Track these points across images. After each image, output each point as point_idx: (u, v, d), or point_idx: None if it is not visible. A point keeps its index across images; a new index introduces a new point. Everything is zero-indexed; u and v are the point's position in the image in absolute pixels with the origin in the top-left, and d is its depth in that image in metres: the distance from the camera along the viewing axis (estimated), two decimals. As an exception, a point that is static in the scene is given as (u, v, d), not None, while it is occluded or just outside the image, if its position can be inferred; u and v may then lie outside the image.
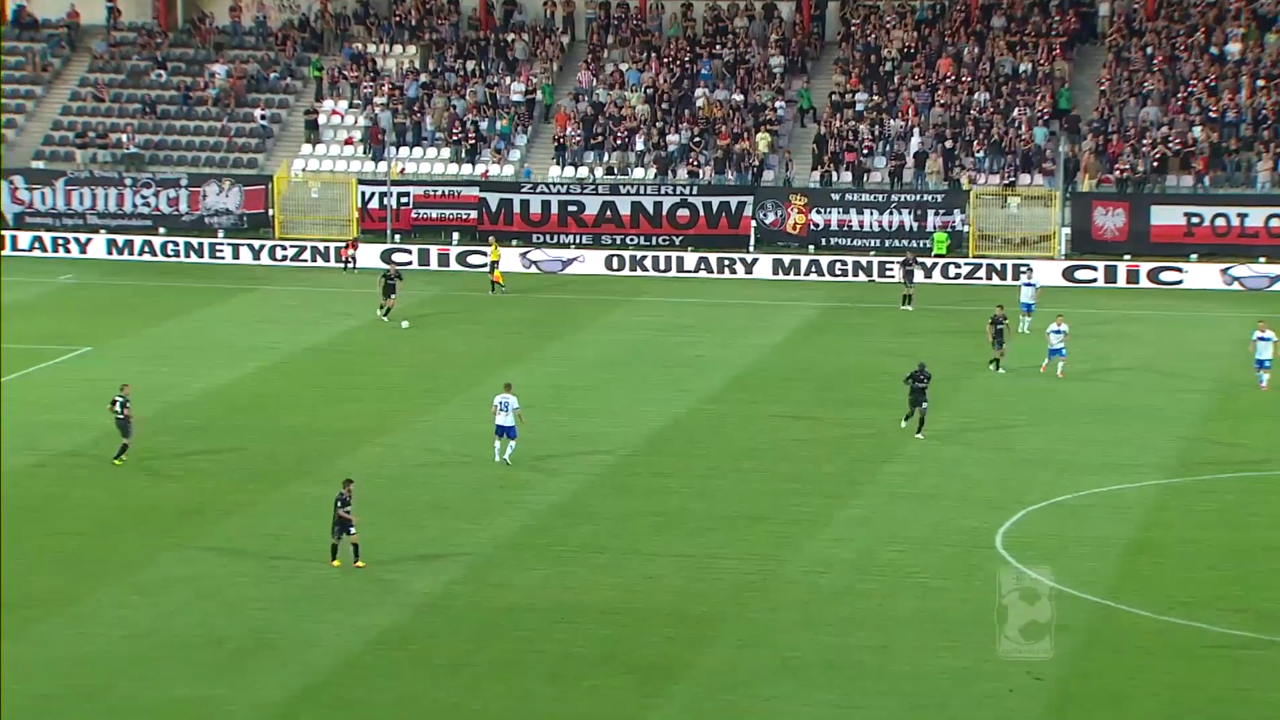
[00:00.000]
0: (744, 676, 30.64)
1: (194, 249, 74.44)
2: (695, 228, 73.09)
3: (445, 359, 56.49)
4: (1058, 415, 48.25)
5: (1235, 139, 72.02)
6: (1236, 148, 71.85)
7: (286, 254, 73.97)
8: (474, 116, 79.03)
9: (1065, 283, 68.11)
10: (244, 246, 74.22)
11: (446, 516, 39.70)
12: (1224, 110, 72.77)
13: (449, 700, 29.74)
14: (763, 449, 45.35)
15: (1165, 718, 28.82)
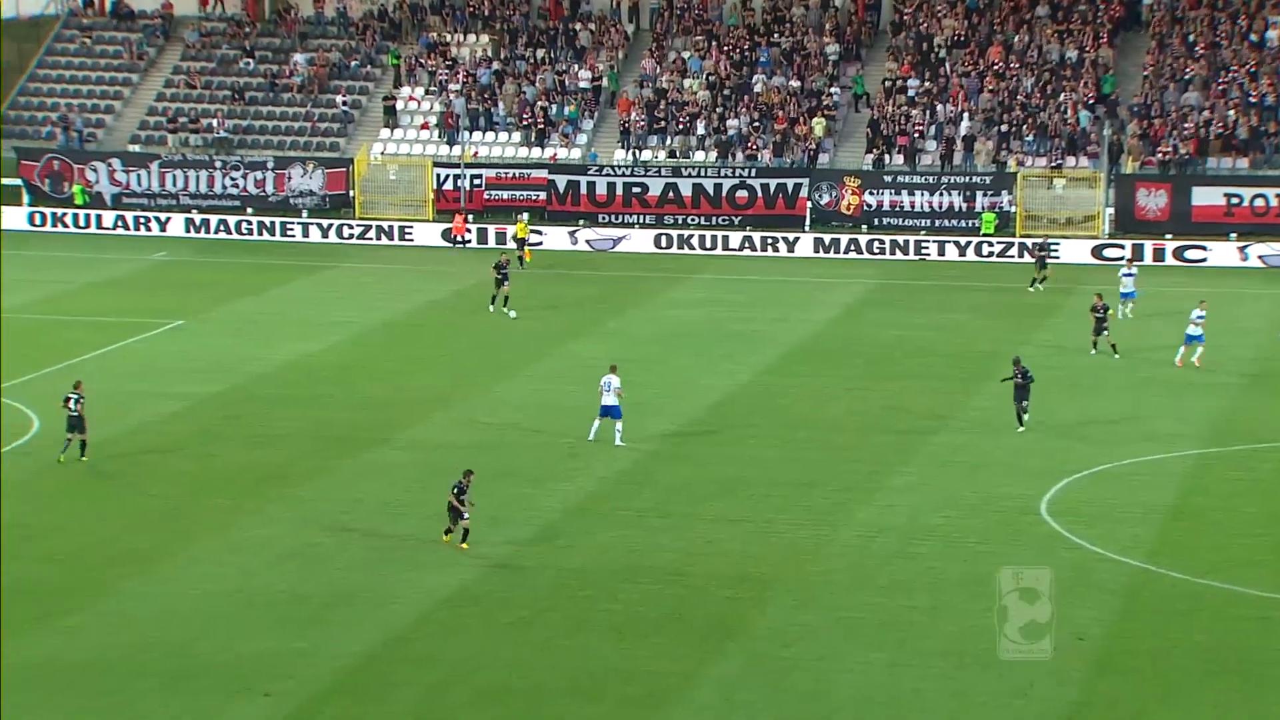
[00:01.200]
0: (798, 635, 30.53)
1: (280, 228, 74.67)
2: (753, 208, 72.84)
3: (512, 334, 56.49)
4: (1098, 389, 47.79)
5: (1274, 122, 71.04)
6: (1275, 131, 70.88)
7: (361, 232, 74.07)
8: (543, 102, 78.95)
9: (1095, 260, 67.48)
10: (327, 226, 74.35)
11: (515, 482, 39.71)
12: (1263, 95, 71.78)
13: (517, 656, 29.76)
14: (815, 420, 45.13)
15: (1201, 676, 28.53)
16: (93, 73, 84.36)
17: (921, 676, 28.65)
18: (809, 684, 28.37)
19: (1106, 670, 28.86)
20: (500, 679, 28.83)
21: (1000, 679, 28.38)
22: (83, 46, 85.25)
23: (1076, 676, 28.53)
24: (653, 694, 28.15)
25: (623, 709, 27.63)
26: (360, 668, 29.30)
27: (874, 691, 28.08)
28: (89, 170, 77.71)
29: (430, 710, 27.76)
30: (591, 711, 27.56)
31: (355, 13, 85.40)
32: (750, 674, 28.94)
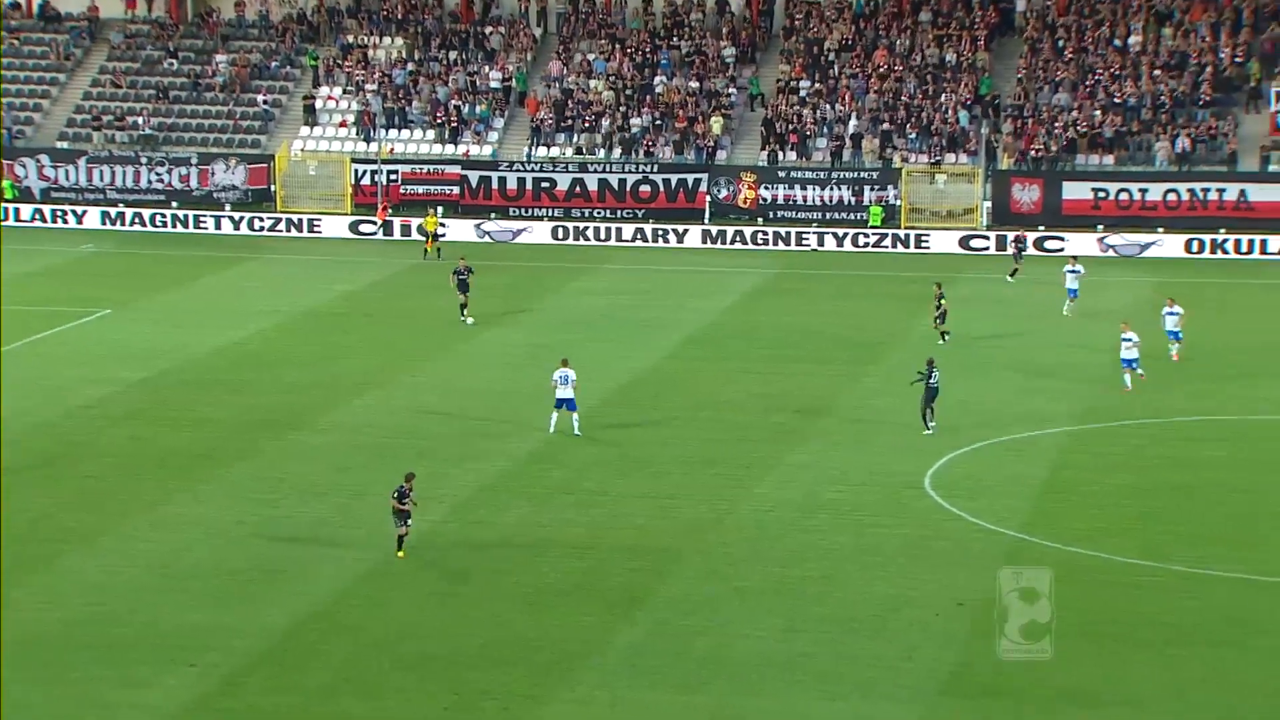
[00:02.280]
0: (699, 604, 30.77)
1: (203, 221, 73.97)
2: (656, 202, 73.12)
3: (430, 321, 56.30)
4: (979, 370, 48.44)
5: (1137, 122, 72.27)
6: (1138, 130, 72.10)
7: (272, 225, 73.53)
8: (456, 102, 78.73)
9: (963, 250, 68.25)
10: (239, 219, 73.79)
11: (432, 462, 39.65)
12: (1127, 96, 72.98)
13: (435, 626, 29.80)
14: (716, 401, 45.42)
15: (1073, 638, 29.03)
16: (20, 73, 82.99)
17: (814, 641, 28.99)
18: (709, 649, 28.63)
19: (985, 634, 29.29)
20: (419, 648, 28.87)
21: (887, 644, 28.79)
22: (11, 48, 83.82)
23: (957, 640, 28.97)
24: (562, 660, 28.30)
25: (534, 674, 27.77)
26: (285, 639, 29.23)
27: (770, 655, 28.38)
28: (18, 166, 76.58)
29: (353, 677, 27.75)
30: (504, 677, 27.67)
31: (275, 15, 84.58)
32: (654, 640, 29.16)
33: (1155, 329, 51.28)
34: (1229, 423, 42.71)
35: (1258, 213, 67.86)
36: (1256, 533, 34.33)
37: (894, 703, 26.56)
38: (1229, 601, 30.57)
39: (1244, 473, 38.38)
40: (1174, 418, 43.12)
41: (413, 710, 26.55)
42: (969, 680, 27.46)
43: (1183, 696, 26.42)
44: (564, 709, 26.61)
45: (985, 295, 60.43)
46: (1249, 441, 41.02)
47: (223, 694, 27.12)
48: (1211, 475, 38.24)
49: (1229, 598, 30.75)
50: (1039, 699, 26.67)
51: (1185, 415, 43.33)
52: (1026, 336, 52.91)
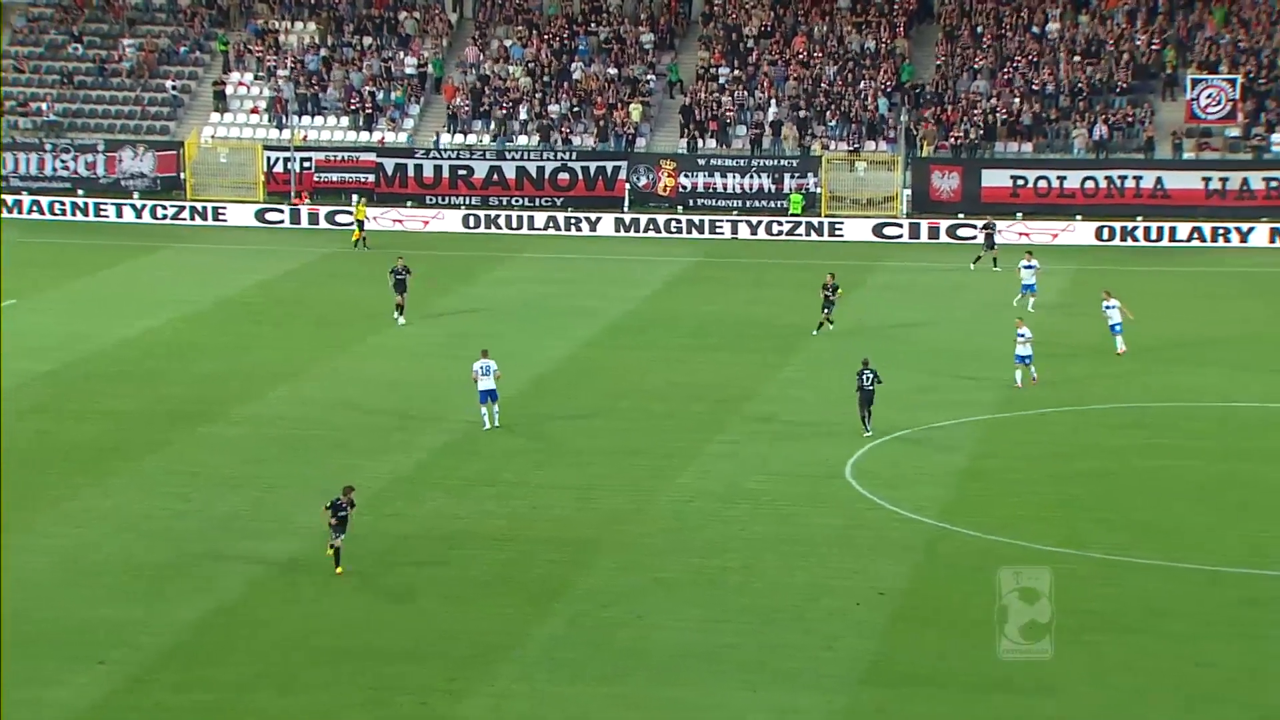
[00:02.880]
0: (619, 595, 30.81)
1: (106, 209, 73.11)
2: (574, 190, 73.10)
3: (345, 311, 55.98)
4: (900, 358, 48.76)
5: (1055, 109, 73.06)
6: (1055, 117, 72.90)
7: (175, 213, 72.77)
8: (370, 88, 78.24)
9: (875, 238, 68.55)
10: (140, 206, 73.00)
11: (346, 454, 39.44)
12: (1044, 84, 73.75)
13: (350, 620, 29.64)
14: (636, 390, 45.47)
15: (990, 624, 29.24)
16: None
17: (735, 632, 29.10)
18: (629, 641, 28.67)
19: (905, 622, 29.59)
20: (334, 642, 28.70)
21: (807, 634, 28.95)
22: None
23: (878, 629, 29.20)
24: (480, 654, 28.24)
25: (451, 668, 27.68)
26: (196, 634, 28.95)
27: (690, 646, 28.46)
28: (-82, 153, 75.29)
29: (266, 673, 27.54)
30: (422, 671, 27.56)
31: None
32: (573, 633, 29.16)
33: (1068, 320, 51.94)
34: (1147, 410, 43.30)
35: (1174, 200, 68.85)
36: (1174, 520, 34.84)
37: (816, 692, 26.72)
38: (1146, 589, 31.00)
39: (1162, 460, 38.93)
40: (1093, 405, 43.66)
41: (328, 705, 26.39)
42: (890, 669, 27.69)
43: (1100, 683, 26.77)
44: (482, 703, 26.56)
45: (904, 283, 60.92)
46: (1167, 429, 41.60)
47: (132, 691, 26.83)
48: (1130, 463, 38.75)
49: (1146, 585, 31.19)
50: (959, 687, 26.93)
51: (1104, 403, 43.88)
52: (946, 325, 53.38)
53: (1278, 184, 68.23)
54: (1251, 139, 70.54)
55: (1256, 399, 43.99)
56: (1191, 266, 63.15)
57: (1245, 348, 49.78)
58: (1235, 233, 66.77)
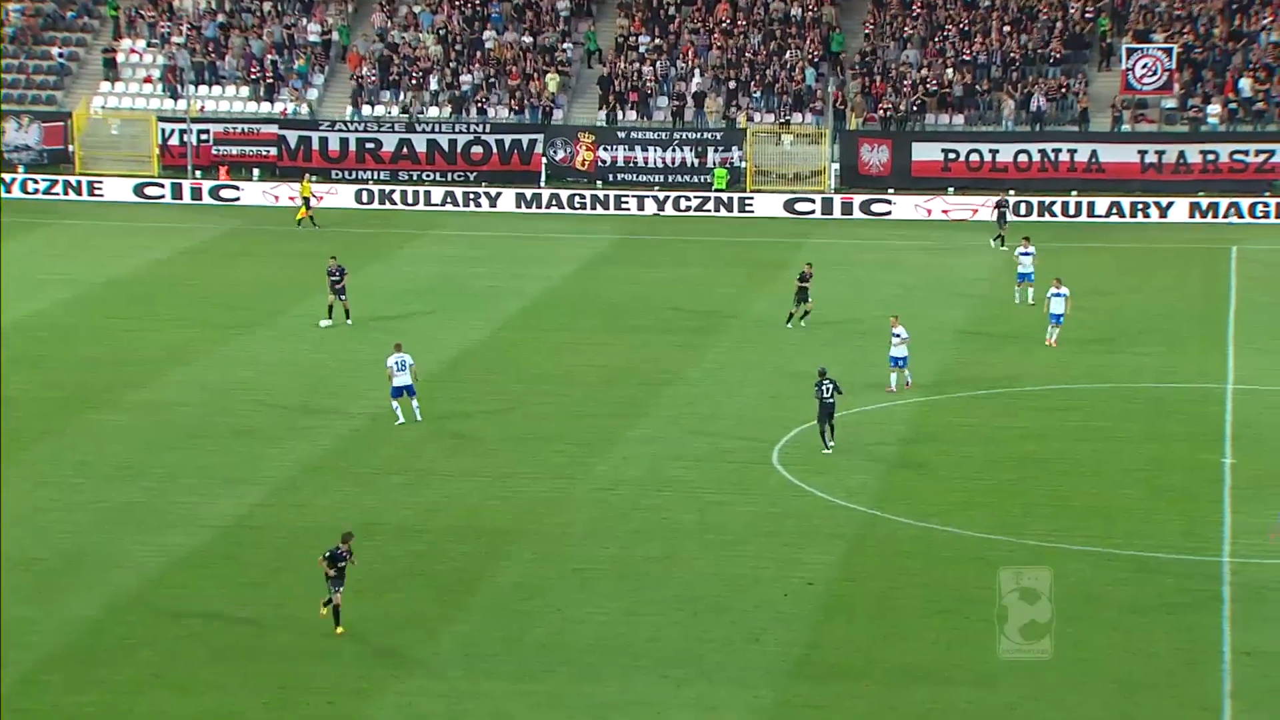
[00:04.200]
0: (537, 587, 30.87)
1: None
2: (489, 164, 72.86)
3: (246, 291, 55.60)
4: (829, 340, 49.10)
5: (986, 80, 73.69)
6: (987, 88, 73.53)
7: (48, 187, 71.82)
8: (272, 56, 77.56)
9: (785, 214, 68.97)
10: (11, 180, 72.05)
11: (249, 442, 39.21)
12: (976, 54, 74.36)
13: (254, 616, 29.51)
14: (555, 374, 45.48)
15: (923, 615, 29.72)
16: None
17: (657, 624, 29.24)
18: (547, 635, 28.75)
19: (835, 613, 29.86)
20: (237, 639, 28.57)
21: (733, 625, 29.14)
22: None
23: (806, 620, 29.45)
24: (391, 649, 28.21)
25: (361, 665, 27.64)
26: (90, 633, 28.73)
27: (611, 640, 28.59)
28: None
29: (165, 672, 27.38)
30: (330, 669, 27.50)
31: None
32: (489, 627, 29.18)
33: (1001, 298, 52.49)
34: (1080, 391, 43.87)
35: (1109, 174, 69.67)
36: (1107, 504, 35.34)
37: (741, 686, 26.91)
38: (1080, 575, 31.44)
39: (1096, 443, 39.47)
40: (1026, 387, 44.16)
41: (230, 706, 26.28)
42: (819, 662, 27.94)
43: (1034, 673, 27.14)
44: (393, 701, 26.55)
45: (828, 261, 61.23)
46: (1100, 411, 42.17)
47: (21, 693, 26.59)
48: (1063, 446, 39.26)
49: (1080, 571, 31.63)
50: (889, 679, 27.22)
51: (1037, 385, 44.39)
52: (872, 305, 53.73)
53: (1214, 157, 69.19)
54: (1188, 110, 71.49)
55: (1192, 379, 44.67)
56: (1126, 243, 63.94)
57: (1180, 326, 50.50)
58: (1156, 208, 67.56)
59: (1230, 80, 71.81)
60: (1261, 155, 68.92)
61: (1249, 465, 37.55)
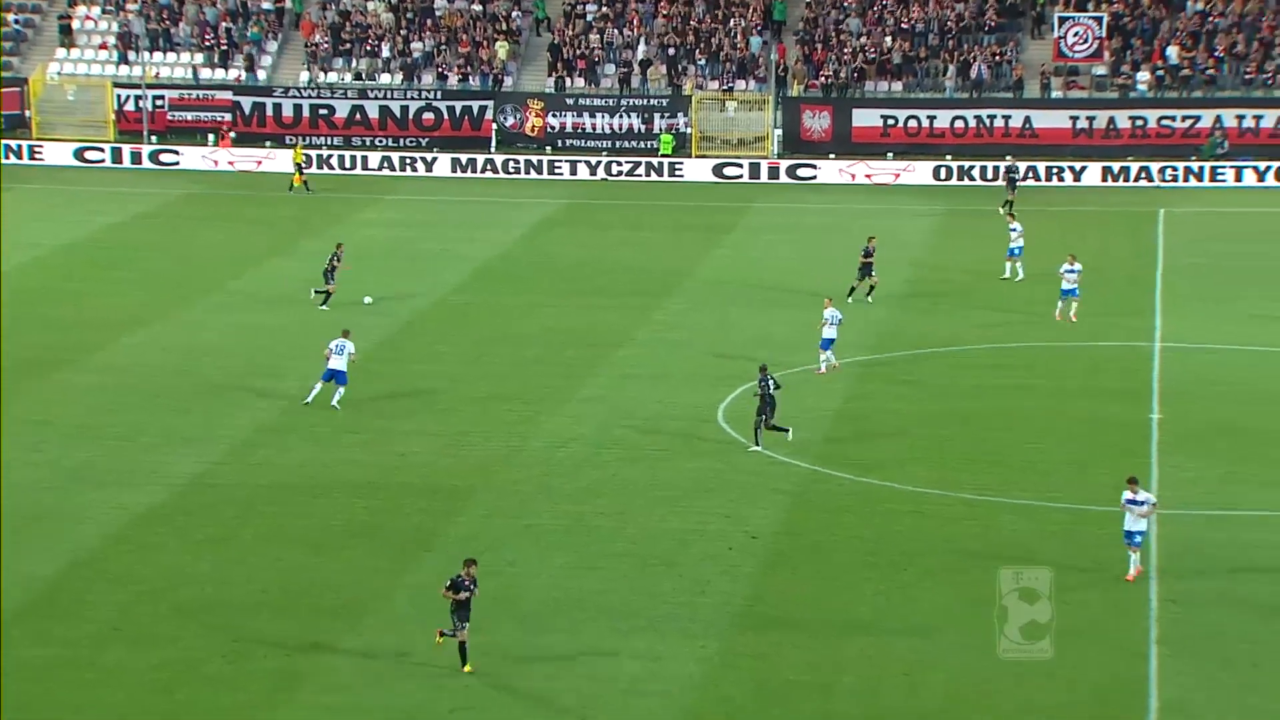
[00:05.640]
0: (490, 543, 30.83)
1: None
2: (440, 130, 72.48)
3: (205, 255, 55.17)
4: (772, 301, 49.17)
5: (924, 48, 73.77)
6: (925, 56, 73.61)
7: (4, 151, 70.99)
8: (226, 23, 76.79)
9: (716, 178, 68.76)
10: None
11: (209, 402, 38.96)
12: (914, 22, 74.39)
13: (213, 572, 29.38)
14: (506, 335, 45.35)
15: (861, 567, 29.87)
16: None
17: (607, 578, 29.28)
18: (500, 589, 28.69)
19: (777, 566, 29.97)
20: (197, 594, 28.44)
21: (680, 579, 29.20)
22: None
23: (750, 573, 29.54)
24: (347, 604, 28.14)
25: (318, 619, 27.56)
26: (51, 589, 28.53)
27: (562, 594, 28.60)
28: None
29: (127, 625, 27.23)
30: (287, 623, 27.41)
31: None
32: (443, 581, 29.07)
33: (939, 259, 52.57)
34: (1016, 350, 44.10)
35: (1041, 139, 69.94)
36: (1042, 459, 35.57)
37: (687, 638, 26.98)
38: (1014, 528, 31.67)
39: (1030, 400, 39.70)
40: (964, 346, 44.35)
41: (188, 659, 26.16)
42: (761, 613, 28.04)
43: (968, 623, 27.33)
44: (349, 654, 26.47)
45: (774, 224, 61.29)
46: (1035, 369, 42.41)
47: (-15, 650, 26.38)
48: (999, 403, 39.48)
49: (1014, 524, 31.86)
50: (830, 630, 27.36)
51: (974, 344, 44.60)
52: (817, 266, 53.83)
53: (1143, 123, 69.54)
54: (1118, 77, 71.79)
55: (1122, 338, 44.97)
56: (1059, 206, 64.19)
57: (1111, 287, 50.79)
58: (1084, 172, 67.88)
59: (1158, 48, 72.14)
60: (1187, 121, 69.32)
61: (1176, 420, 37.87)
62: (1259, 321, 46.49)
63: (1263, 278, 51.96)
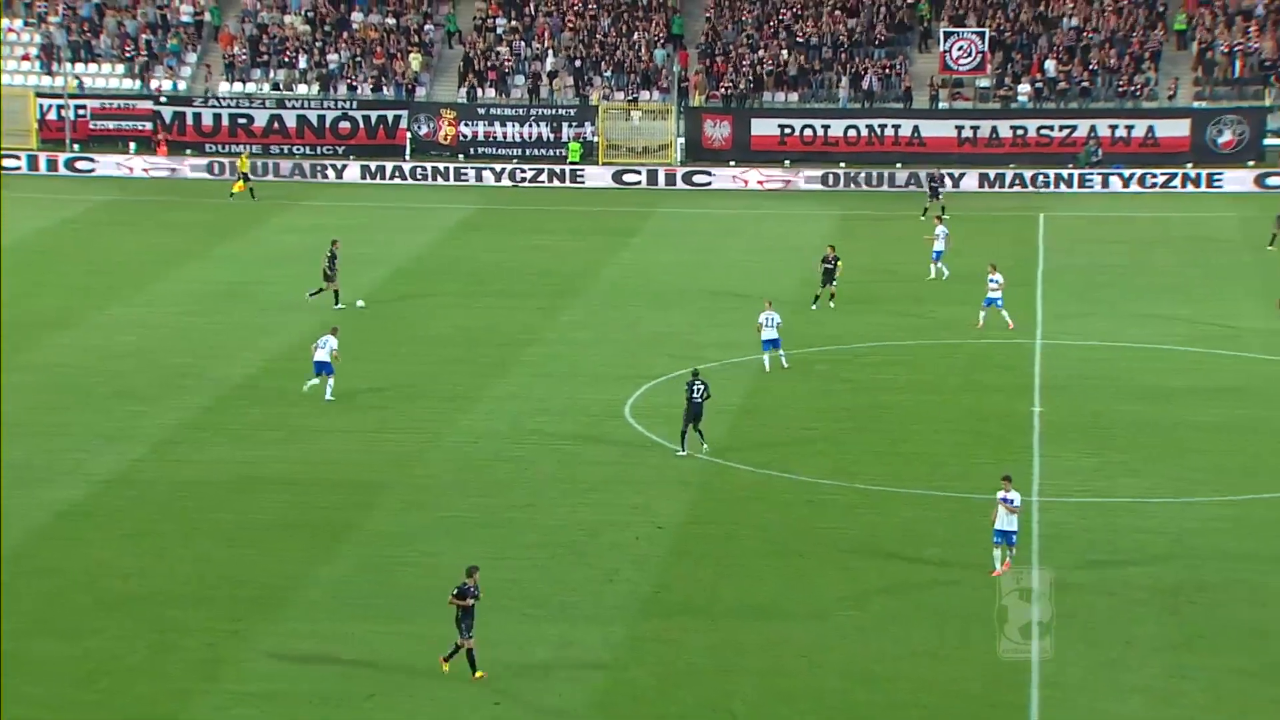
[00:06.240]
0: (406, 535, 30.62)
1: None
2: (356, 139, 71.94)
3: (126, 258, 54.37)
4: (675, 301, 49.21)
5: (818, 60, 74.20)
6: (819, 68, 74.04)
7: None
8: (146, 36, 75.78)
9: (614, 185, 68.74)
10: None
11: (131, 401, 38.40)
12: (808, 36, 74.81)
13: (134, 565, 28.96)
14: (421, 335, 45.06)
15: (762, 555, 29.96)
16: None
17: (520, 567, 29.15)
18: (415, 579, 28.53)
19: (683, 555, 29.98)
20: (118, 587, 28.01)
21: (590, 568, 29.13)
22: None
23: (656, 562, 29.53)
24: (265, 595, 27.83)
25: (238, 610, 27.23)
26: (-22, 586, 27.96)
27: (476, 582, 28.41)
28: None
29: (51, 618, 26.76)
30: (208, 613, 27.07)
31: (-49, -58, 79.83)
32: (360, 573, 28.90)
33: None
34: (905, 348, 44.43)
35: (930, 148, 70.56)
36: (931, 450, 35.84)
37: (596, 624, 26.92)
38: (906, 516, 31.89)
39: (920, 395, 40.00)
40: (854, 344, 44.62)
41: (113, 650, 25.75)
42: (667, 600, 28.03)
43: (862, 606, 27.51)
44: (269, 643, 26.18)
45: (678, 229, 61.39)
46: (925, 366, 42.75)
47: (-89, 645, 25.81)
48: (890, 398, 39.75)
49: (906, 512, 32.08)
50: (732, 615, 27.39)
51: (866, 342, 44.87)
52: (715, 267, 53.97)
53: (1023, 132, 70.37)
54: (1001, 89, 72.59)
55: (1005, 336, 45.42)
56: (947, 211, 64.68)
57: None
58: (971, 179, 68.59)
59: (1037, 62, 73.01)
60: (1065, 130, 70.21)
61: (1055, 413, 38.32)
62: (1131, 319, 47.18)
63: (1134, 278, 52.74)
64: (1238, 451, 35.52)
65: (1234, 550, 30.04)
